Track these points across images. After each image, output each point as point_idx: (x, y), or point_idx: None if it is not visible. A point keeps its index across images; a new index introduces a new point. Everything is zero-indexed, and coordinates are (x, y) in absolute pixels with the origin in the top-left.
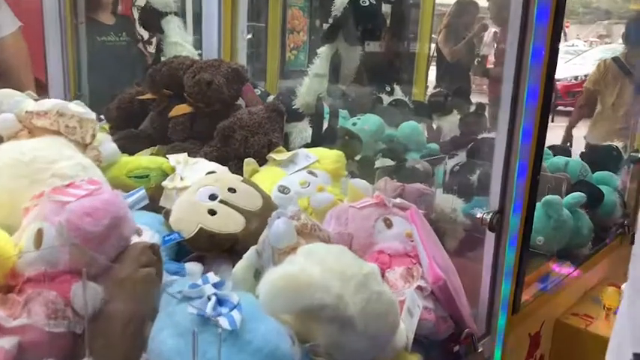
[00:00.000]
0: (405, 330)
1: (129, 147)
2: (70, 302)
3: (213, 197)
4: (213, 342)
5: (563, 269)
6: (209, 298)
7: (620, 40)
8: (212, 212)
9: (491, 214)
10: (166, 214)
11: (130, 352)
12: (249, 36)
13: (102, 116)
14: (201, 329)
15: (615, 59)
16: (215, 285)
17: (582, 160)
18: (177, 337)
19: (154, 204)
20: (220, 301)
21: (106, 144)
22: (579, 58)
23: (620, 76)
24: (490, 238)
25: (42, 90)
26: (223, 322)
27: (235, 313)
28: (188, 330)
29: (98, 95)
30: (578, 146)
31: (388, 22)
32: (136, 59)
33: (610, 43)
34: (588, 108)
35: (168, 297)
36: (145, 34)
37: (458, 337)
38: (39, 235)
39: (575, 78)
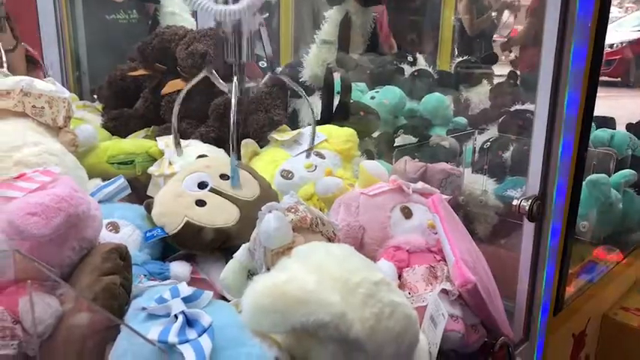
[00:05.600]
0: (428, 343)
1: (121, 128)
2: (19, 318)
3: (202, 185)
4: None
5: (610, 257)
6: (176, 317)
7: None
8: (201, 203)
9: (530, 200)
10: (148, 205)
11: None
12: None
13: (95, 96)
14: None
15: None
16: (185, 299)
17: (629, 131)
18: None
19: (141, 193)
20: (190, 322)
21: (84, 126)
22: (615, 24)
23: None
24: (529, 228)
25: (38, 69)
26: (188, 352)
27: (205, 340)
28: None
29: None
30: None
31: None
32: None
33: None
34: None
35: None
36: None
37: (491, 347)
38: None
39: (611, 46)
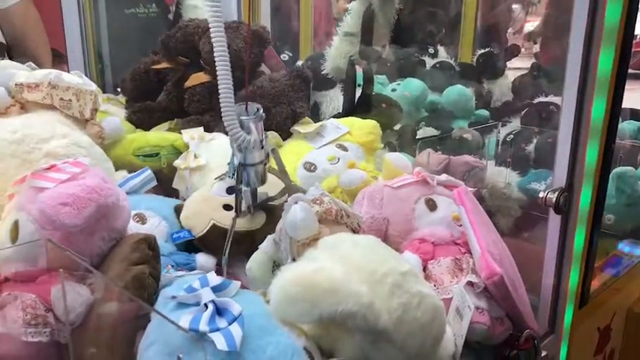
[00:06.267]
0: (453, 335)
1: (145, 121)
2: (51, 307)
3: (230, 191)
4: None
5: (636, 251)
6: (206, 306)
7: None
8: (228, 207)
9: (557, 192)
10: (177, 209)
11: None
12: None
13: (119, 89)
14: (195, 347)
15: None
16: (215, 288)
17: None
18: (167, 356)
19: (166, 186)
20: (219, 310)
21: (110, 119)
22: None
23: None
24: (555, 220)
25: (63, 62)
26: (219, 340)
27: (235, 328)
28: (178, 350)
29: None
30: None
31: None
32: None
33: None
34: None
35: (166, 299)
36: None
37: (517, 340)
38: (15, 228)
39: (634, 37)
